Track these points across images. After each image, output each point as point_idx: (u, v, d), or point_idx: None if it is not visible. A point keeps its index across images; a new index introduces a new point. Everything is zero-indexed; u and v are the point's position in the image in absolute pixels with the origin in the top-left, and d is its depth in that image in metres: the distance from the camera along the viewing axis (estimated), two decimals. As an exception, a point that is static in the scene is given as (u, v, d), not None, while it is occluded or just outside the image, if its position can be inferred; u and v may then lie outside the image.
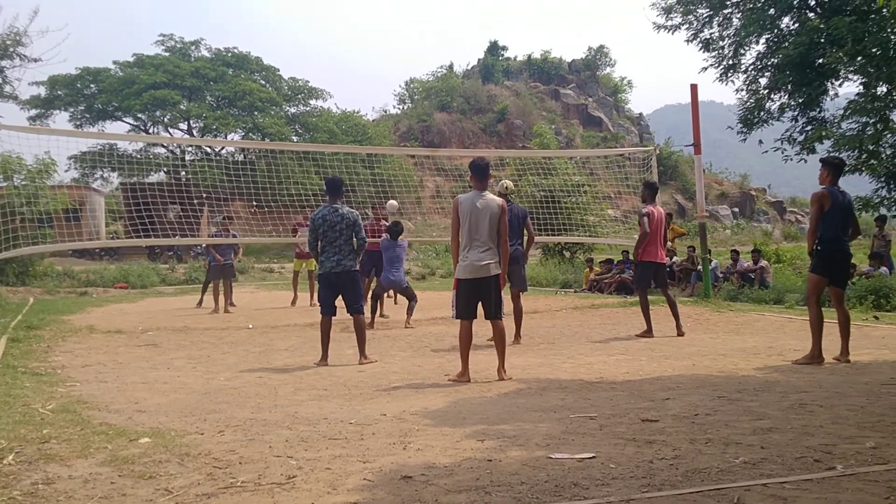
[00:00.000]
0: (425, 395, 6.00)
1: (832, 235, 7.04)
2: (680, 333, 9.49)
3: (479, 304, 6.68)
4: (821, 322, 7.08)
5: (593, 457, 3.88)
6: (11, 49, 16.76)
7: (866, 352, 7.62)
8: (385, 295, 12.13)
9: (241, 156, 36.93)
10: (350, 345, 9.01)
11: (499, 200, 6.72)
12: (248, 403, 5.72)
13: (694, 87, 14.09)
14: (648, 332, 9.56)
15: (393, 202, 9.18)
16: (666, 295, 9.95)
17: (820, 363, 6.93)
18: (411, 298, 11.37)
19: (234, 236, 14.47)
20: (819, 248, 7.11)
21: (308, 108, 42.81)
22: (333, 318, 7.96)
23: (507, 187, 9.39)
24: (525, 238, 9.64)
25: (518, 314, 9.26)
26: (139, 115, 38.54)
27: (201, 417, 5.17)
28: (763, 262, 15.70)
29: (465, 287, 6.62)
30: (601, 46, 64.37)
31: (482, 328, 7.46)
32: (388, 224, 11.68)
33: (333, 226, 7.67)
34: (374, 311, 11.31)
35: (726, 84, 16.07)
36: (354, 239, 7.83)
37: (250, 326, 11.44)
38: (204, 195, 26.70)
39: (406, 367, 7.53)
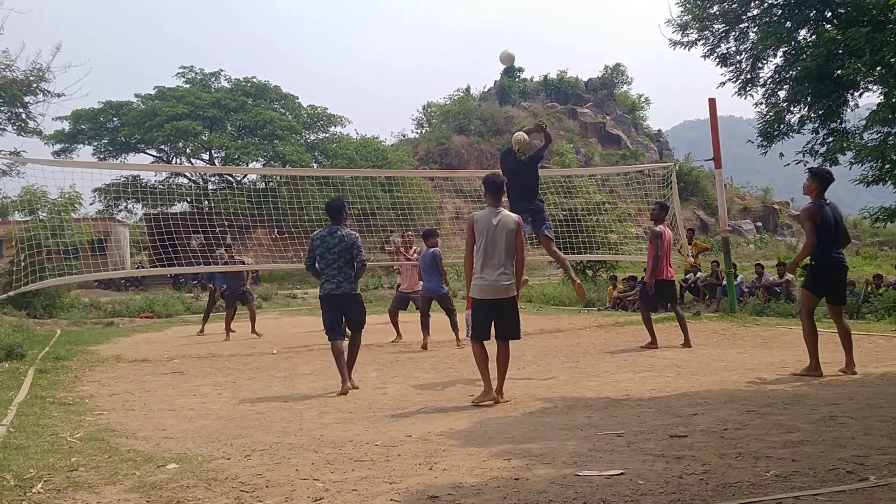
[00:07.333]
0: (450, 415, 5.98)
1: (823, 251, 7.00)
2: (686, 345, 9.90)
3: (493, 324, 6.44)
4: (815, 335, 7.06)
5: (622, 473, 3.84)
6: (35, 85, 17.09)
7: (897, 363, 7.51)
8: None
9: (263, 183, 37.29)
10: (374, 368, 9.03)
11: (514, 217, 6.53)
12: (273, 428, 5.74)
13: (712, 102, 14.09)
14: (653, 344, 10.00)
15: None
16: (675, 310, 10.36)
17: (818, 376, 6.87)
18: (450, 313, 11.34)
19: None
20: (812, 263, 7.07)
21: (327, 135, 43.18)
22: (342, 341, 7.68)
23: (519, 140, 8.40)
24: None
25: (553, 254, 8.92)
26: (162, 147, 39.14)
27: (228, 442, 5.19)
28: (788, 276, 15.53)
29: (481, 307, 6.44)
30: (617, 64, 64.51)
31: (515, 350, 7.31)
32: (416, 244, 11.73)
33: (331, 248, 7.56)
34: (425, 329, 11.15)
35: (745, 98, 15.92)
36: (355, 262, 7.66)
37: (274, 352, 11.49)
38: (227, 223, 26.97)
39: (430, 388, 7.51)
